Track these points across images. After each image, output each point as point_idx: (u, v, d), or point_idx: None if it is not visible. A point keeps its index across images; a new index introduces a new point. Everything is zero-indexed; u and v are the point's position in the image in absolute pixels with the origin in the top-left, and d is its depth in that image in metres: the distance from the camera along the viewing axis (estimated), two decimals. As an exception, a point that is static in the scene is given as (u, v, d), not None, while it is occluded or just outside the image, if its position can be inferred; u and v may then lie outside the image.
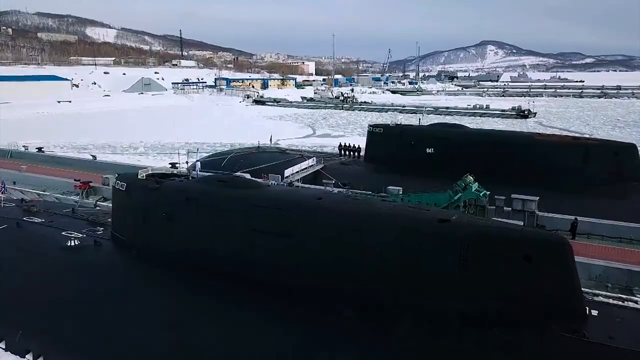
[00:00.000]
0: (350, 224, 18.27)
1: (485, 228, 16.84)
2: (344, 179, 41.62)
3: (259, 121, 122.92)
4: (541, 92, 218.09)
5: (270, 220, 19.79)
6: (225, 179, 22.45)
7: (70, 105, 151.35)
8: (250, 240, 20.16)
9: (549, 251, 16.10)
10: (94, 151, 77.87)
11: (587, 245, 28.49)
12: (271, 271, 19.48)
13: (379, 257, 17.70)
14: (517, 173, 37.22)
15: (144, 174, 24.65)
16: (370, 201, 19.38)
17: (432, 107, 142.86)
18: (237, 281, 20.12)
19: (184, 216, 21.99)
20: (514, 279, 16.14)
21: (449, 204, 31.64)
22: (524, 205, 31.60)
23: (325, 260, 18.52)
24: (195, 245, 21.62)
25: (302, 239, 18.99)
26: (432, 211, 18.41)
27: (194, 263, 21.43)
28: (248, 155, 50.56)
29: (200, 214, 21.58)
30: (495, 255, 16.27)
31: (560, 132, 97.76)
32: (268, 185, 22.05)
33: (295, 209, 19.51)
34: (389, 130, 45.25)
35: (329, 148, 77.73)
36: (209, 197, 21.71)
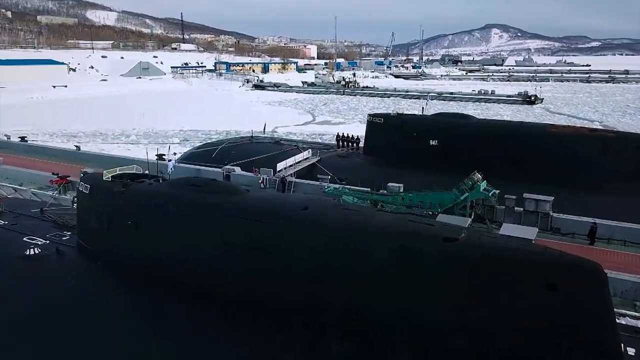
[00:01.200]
0: (340, 240, 15.49)
1: (501, 250, 13.98)
2: (340, 174, 38.72)
3: (257, 107, 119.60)
4: (547, 77, 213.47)
5: (246, 233, 17.03)
6: (199, 182, 19.60)
7: (65, 90, 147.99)
8: (224, 256, 17.46)
9: (578, 279, 13.26)
10: (84, 139, 75.13)
11: (608, 253, 25.65)
12: (247, 292, 16.81)
13: (372, 282, 14.96)
14: (529, 168, 34.29)
15: (110, 174, 21.80)
16: (363, 212, 16.50)
17: (436, 93, 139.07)
18: (210, 302, 17.51)
19: (152, 225, 19.22)
20: (535, 312, 13.37)
21: (455, 204, 28.77)
22: (537, 206, 28.70)
23: (309, 282, 15.80)
24: (165, 260, 18.88)
25: (282, 256, 16.26)
26: (436, 226, 15.53)
27: (163, 279, 18.72)
28: (240, 146, 47.63)
29: (170, 223, 18.80)
30: (513, 284, 13.48)
31: (568, 119, 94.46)
32: (247, 190, 19.17)
33: (276, 221, 16.70)
34: (390, 120, 42.17)
35: (328, 136, 74.83)
36: (180, 203, 18.89)
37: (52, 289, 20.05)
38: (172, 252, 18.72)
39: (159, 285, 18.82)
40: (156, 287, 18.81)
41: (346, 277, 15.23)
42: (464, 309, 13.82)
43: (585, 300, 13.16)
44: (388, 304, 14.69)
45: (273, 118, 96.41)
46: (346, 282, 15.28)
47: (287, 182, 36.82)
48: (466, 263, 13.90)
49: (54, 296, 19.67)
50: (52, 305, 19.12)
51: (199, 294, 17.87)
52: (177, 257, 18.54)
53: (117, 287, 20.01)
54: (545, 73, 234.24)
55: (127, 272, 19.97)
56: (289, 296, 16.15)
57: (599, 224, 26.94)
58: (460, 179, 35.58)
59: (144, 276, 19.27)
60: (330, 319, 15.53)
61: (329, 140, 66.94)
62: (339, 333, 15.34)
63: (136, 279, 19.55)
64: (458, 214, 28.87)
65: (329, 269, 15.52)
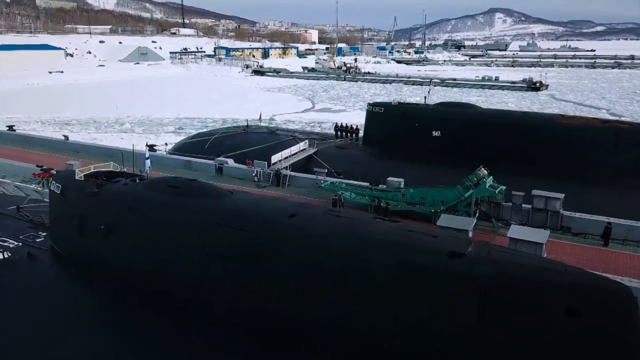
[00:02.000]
0: (331, 254, 13.72)
1: (515, 268, 12.16)
2: (338, 166, 36.84)
3: (256, 94, 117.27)
4: (552, 62, 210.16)
5: (228, 242, 15.28)
6: (178, 183, 17.77)
7: (61, 76, 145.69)
8: (204, 266, 15.73)
9: (603, 304, 11.48)
10: (77, 127, 73.34)
11: (624, 256, 23.82)
12: (228, 306, 15.12)
13: (366, 302, 13.23)
14: (537, 162, 32.44)
15: (83, 173, 19.99)
16: (358, 221, 14.66)
17: (439, 79, 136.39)
18: (188, 316, 15.83)
19: (126, 231, 17.47)
20: (552, 341, 11.65)
21: (458, 202, 26.91)
22: (546, 204, 26.82)
23: (296, 300, 14.09)
24: (140, 269, 17.16)
25: (266, 269, 14.51)
26: (440, 238, 13.71)
27: (139, 290, 17.02)
28: (234, 137, 45.70)
29: (145, 229, 17.04)
30: (528, 309, 11.74)
31: (574, 106, 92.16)
32: (230, 193, 17.34)
33: (260, 230, 14.91)
34: (390, 109, 40.12)
35: (327, 125, 72.81)
36: (156, 207, 17.11)
37: (18, 299, 18.35)
38: (148, 261, 16.98)
39: (134, 296, 17.12)
40: (131, 298, 17.12)
41: (337, 297, 13.49)
42: (471, 337, 12.11)
43: (612, 328, 11.40)
44: (384, 327, 12.98)
45: (271, 105, 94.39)
46: (337, 301, 13.54)
47: (282, 175, 35.00)
48: (474, 283, 12.15)
49: (19, 307, 17.99)
50: (17, 318, 17.43)
51: (176, 306, 16.20)
52: (153, 266, 16.81)
53: (90, 297, 18.32)
54: (550, 58, 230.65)
55: (100, 280, 18.27)
56: (273, 314, 14.45)
57: (613, 223, 25.09)
58: (464, 173, 33.60)
59: (119, 286, 17.58)
60: (319, 340, 13.84)
61: (328, 129, 64.97)
62: (329, 356, 13.69)
63: (110, 288, 17.84)
64: (462, 211, 27.07)
65: (318, 286, 13.77)
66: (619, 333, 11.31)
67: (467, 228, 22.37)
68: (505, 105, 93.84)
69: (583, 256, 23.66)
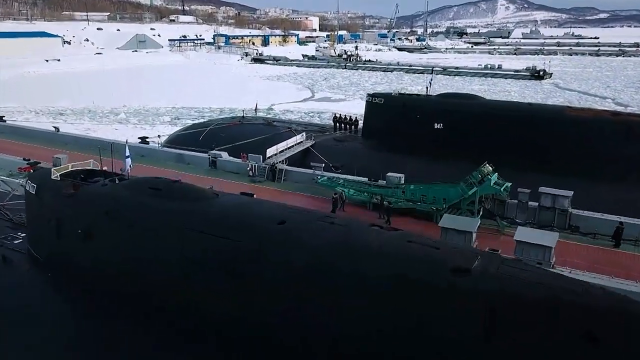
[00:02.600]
0: (323, 267, 12.45)
1: (527, 286, 10.87)
2: (336, 160, 35.48)
3: (254, 82, 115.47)
4: (555, 50, 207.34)
5: (210, 251, 14.02)
6: (160, 184, 16.44)
7: (58, 65, 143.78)
8: (185, 276, 14.49)
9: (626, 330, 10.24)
10: (71, 117, 71.88)
11: (637, 258, 22.48)
12: (212, 320, 13.91)
13: (361, 321, 11.98)
14: (544, 157, 31.09)
15: (60, 172, 18.66)
16: (353, 229, 13.34)
17: (440, 68, 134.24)
18: (170, 329, 14.62)
19: (104, 236, 16.19)
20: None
21: (461, 200, 25.57)
22: (554, 202, 25.47)
23: (283, 317, 12.82)
24: (118, 277, 15.92)
25: (250, 283, 13.26)
26: (442, 250, 12.41)
27: (117, 299, 15.78)
28: (229, 128, 44.26)
29: (123, 235, 15.77)
30: (541, 333, 10.52)
31: (579, 96, 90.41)
32: (215, 195, 16.00)
33: (245, 238, 13.62)
34: (391, 100, 38.62)
35: (326, 115, 71.30)
36: (135, 211, 15.82)
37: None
38: (127, 269, 15.72)
39: (112, 306, 15.90)
40: (109, 308, 15.90)
41: (329, 315, 12.23)
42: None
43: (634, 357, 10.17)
44: (381, 348, 11.73)
45: (270, 94, 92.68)
46: (329, 320, 12.29)
47: (277, 169, 33.64)
48: (481, 303, 10.91)
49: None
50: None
51: (156, 317, 14.99)
52: (132, 275, 15.55)
53: (67, 305, 17.12)
54: (553, 46, 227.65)
55: (77, 288, 17.06)
56: (259, 330, 13.21)
57: (625, 223, 23.75)
58: (467, 167, 32.20)
59: (96, 294, 16.36)
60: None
61: (327, 119, 63.50)
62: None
63: (87, 296, 16.65)
64: (465, 210, 25.76)
65: (307, 303, 12.51)
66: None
67: (471, 230, 21.09)
68: (508, 95, 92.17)
69: (593, 258, 22.38)
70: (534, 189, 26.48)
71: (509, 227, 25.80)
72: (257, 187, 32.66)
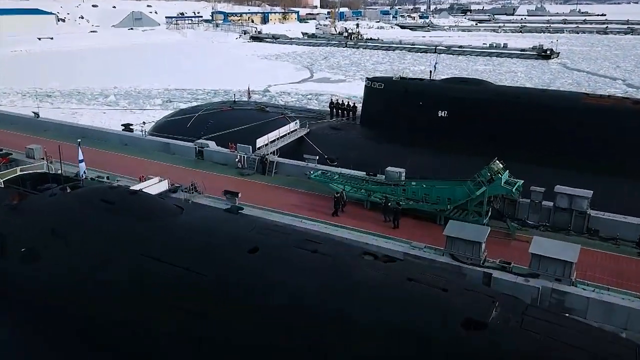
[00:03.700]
0: (298, 313, 9.98)
1: (560, 348, 8.40)
2: (332, 151, 32.89)
3: (252, 62, 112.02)
4: (562, 28, 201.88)
5: (167, 284, 11.54)
6: (114, 196, 13.90)
7: (51, 43, 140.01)
8: (139, 314, 12.02)
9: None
10: (59, 99, 69.07)
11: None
12: None
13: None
14: (559, 150, 28.42)
15: (4, 178, 16.14)
16: (341, 263, 10.83)
17: (444, 47, 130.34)
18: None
19: (49, 257, 13.72)
20: None
21: (468, 200, 23.00)
22: (571, 203, 22.89)
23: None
24: (65, 305, 13.49)
25: (213, 326, 10.80)
26: (451, 292, 9.91)
27: (63, 330, 13.41)
28: (219, 114, 41.52)
29: (70, 258, 13.29)
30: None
31: (588, 77, 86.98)
32: (180, 209, 13.48)
33: (209, 270, 11.14)
34: (391, 85, 35.72)
35: (324, 97, 68.39)
36: (83, 229, 13.33)
37: None
38: (73, 296, 13.31)
39: (58, 336, 13.57)
40: (55, 338, 13.57)
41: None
42: None
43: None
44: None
45: (267, 75, 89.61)
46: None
47: (268, 161, 31.03)
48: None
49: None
50: None
51: (105, 353, 12.64)
52: (78, 307, 13.14)
53: (9, 334, 14.78)
54: (559, 24, 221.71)
55: (23, 313, 14.69)
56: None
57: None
58: (474, 161, 29.56)
59: (39, 325, 13.99)
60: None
61: (325, 101, 60.65)
62: None
63: (33, 324, 14.29)
64: (472, 211, 23.22)
65: (282, 358, 10.07)
66: None
67: (480, 240, 18.61)
68: (514, 76, 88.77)
69: (616, 270, 19.91)
70: (548, 186, 23.88)
71: (520, 229, 23.34)
72: (245, 182, 30.18)
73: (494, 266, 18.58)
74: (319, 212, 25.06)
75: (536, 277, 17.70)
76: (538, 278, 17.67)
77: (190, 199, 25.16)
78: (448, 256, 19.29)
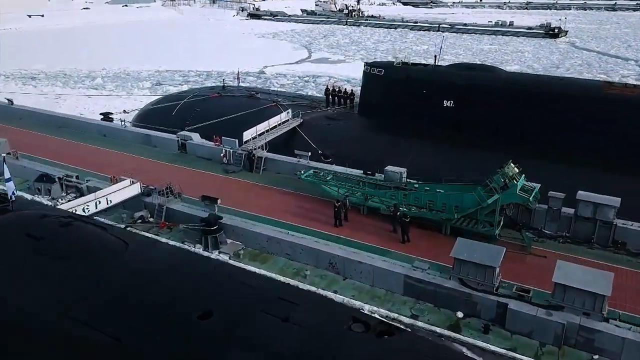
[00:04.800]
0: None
1: None
2: (326, 144, 30.04)
3: (248, 40, 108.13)
4: (569, 5, 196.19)
5: (95, 357, 8.82)
6: (44, 230, 11.09)
7: (42, 21, 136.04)
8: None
9: None
10: (44, 82, 65.90)
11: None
12: None
13: None
14: (578, 147, 25.46)
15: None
16: (322, 337, 8.07)
17: (448, 24, 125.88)
18: None
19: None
20: None
21: (478, 209, 20.21)
22: (595, 212, 20.11)
23: None
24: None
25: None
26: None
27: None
28: (206, 101, 38.48)
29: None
30: None
31: (599, 57, 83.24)
32: (125, 245, 10.70)
33: (149, 342, 8.39)
34: (392, 71, 32.56)
35: (322, 79, 65.08)
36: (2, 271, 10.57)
37: None
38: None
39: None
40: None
41: None
42: None
43: None
44: None
45: (264, 55, 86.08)
46: None
47: (256, 157, 28.19)
48: None
49: None
50: None
51: None
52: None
53: None
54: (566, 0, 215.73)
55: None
56: None
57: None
58: (483, 157, 26.92)
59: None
60: None
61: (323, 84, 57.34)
62: None
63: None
64: (482, 221, 20.46)
65: None
66: None
67: (493, 264, 15.87)
68: (521, 56, 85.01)
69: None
70: (567, 189, 21.09)
71: (537, 240, 20.64)
72: (229, 180, 27.39)
73: (509, 294, 15.88)
74: (313, 219, 22.32)
75: (560, 310, 15.02)
76: (562, 311, 15.00)
77: (164, 204, 22.45)
78: (456, 280, 16.60)
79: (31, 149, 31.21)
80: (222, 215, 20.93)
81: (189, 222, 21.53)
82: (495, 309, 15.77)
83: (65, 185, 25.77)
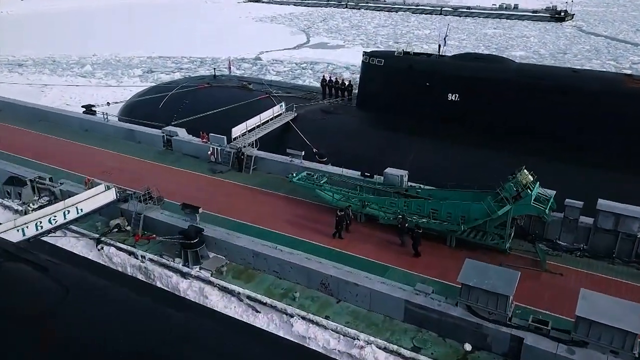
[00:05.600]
0: None
1: None
2: (322, 141, 27.91)
3: (245, 25, 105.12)
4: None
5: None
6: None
7: (35, 4, 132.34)
8: None
9: None
10: (31, 69, 63.48)
11: None
12: None
13: None
14: (596, 146, 23.35)
15: None
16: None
17: (451, 7, 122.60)
18: None
19: None
20: None
21: (487, 221, 18.19)
22: (617, 223, 18.09)
23: None
24: None
25: None
26: None
27: None
28: (195, 93, 36.24)
29: None
30: None
31: (607, 42, 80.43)
32: (63, 293, 8.49)
33: None
34: (393, 62, 30.24)
35: (320, 66, 62.65)
36: None
37: None
38: None
39: None
40: None
41: None
42: None
43: None
44: None
45: (261, 40, 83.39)
46: None
47: (245, 156, 26.11)
48: None
49: None
50: None
51: None
52: None
53: None
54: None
55: None
56: None
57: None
58: (490, 156, 24.87)
59: None
60: None
61: (320, 71, 55.06)
62: None
63: None
64: (492, 233, 18.48)
65: None
66: None
67: (507, 293, 13.90)
68: (527, 41, 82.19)
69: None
70: (583, 194, 19.08)
71: (551, 254, 18.68)
72: (216, 182, 25.33)
73: (525, 326, 13.93)
74: (307, 228, 20.31)
75: (584, 347, 13.10)
76: (586, 348, 13.07)
77: (142, 212, 20.44)
78: (463, 307, 14.66)
79: (5, 145, 29.18)
80: (204, 227, 18.94)
81: (168, 232, 19.56)
82: (508, 342, 13.86)
83: (38, 188, 23.80)
